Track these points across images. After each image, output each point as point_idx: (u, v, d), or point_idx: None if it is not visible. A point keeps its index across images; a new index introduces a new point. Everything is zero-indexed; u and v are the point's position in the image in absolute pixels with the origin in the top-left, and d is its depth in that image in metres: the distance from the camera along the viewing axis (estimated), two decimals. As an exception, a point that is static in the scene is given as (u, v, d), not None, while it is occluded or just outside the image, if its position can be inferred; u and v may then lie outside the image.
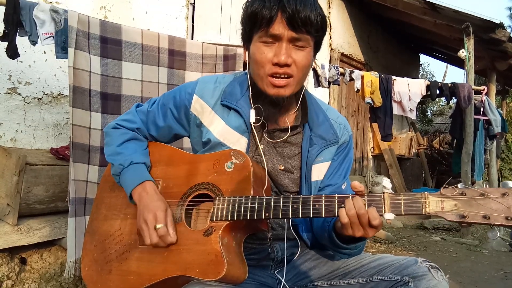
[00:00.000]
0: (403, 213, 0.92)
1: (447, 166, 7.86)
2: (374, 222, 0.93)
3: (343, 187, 1.24)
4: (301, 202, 1.00)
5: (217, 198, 1.08)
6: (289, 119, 1.21)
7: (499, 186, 0.88)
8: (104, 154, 1.30)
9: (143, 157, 1.26)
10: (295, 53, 1.08)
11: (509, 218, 0.83)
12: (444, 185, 0.91)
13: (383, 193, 0.96)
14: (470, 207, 0.87)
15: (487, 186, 0.90)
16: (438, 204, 0.90)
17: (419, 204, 0.91)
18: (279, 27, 1.05)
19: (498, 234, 0.87)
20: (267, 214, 1.02)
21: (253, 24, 1.09)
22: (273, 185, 1.20)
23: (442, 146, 9.77)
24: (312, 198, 1.00)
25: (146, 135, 1.33)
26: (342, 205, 0.97)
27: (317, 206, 0.99)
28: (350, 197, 0.97)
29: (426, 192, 0.92)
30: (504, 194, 0.85)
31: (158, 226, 1.08)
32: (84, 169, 2.18)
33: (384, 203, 0.94)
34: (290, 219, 1.19)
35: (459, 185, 0.90)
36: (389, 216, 0.93)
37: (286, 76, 1.09)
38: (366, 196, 0.96)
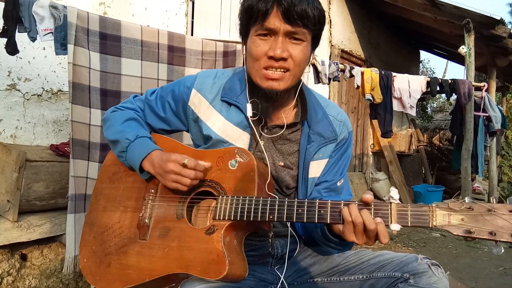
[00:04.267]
0: (409, 225, 0.92)
1: (447, 163, 7.85)
2: (384, 241, 0.92)
3: (339, 184, 1.23)
4: (306, 207, 0.99)
5: (220, 196, 1.08)
6: (288, 115, 1.20)
7: (498, 182, 0.88)
8: (106, 137, 1.27)
9: (148, 133, 1.24)
10: (292, 47, 1.07)
11: None
12: (452, 198, 0.91)
13: (390, 203, 0.95)
14: (477, 222, 0.87)
15: (493, 200, 0.89)
16: (445, 217, 0.90)
17: (426, 217, 0.91)
18: (274, 21, 1.04)
19: (502, 251, 0.87)
20: (271, 217, 1.01)
21: (249, 18, 1.08)
22: (274, 181, 1.19)
23: (442, 142, 9.77)
24: (317, 203, 0.99)
25: (144, 122, 1.31)
26: (346, 207, 0.95)
27: (322, 212, 0.98)
28: (357, 205, 0.95)
29: (433, 205, 0.91)
30: (511, 211, 0.86)
31: (185, 162, 1.06)
32: (84, 166, 2.18)
33: (390, 213, 0.93)
34: None
35: (467, 199, 0.90)
36: (395, 227, 0.92)
37: (282, 70, 1.08)
38: (372, 205, 0.95)
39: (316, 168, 1.20)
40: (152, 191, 1.19)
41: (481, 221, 0.87)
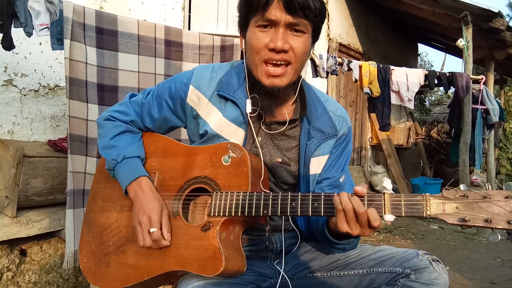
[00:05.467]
0: (403, 215, 0.90)
1: (445, 156, 7.86)
2: (375, 224, 0.91)
3: (341, 180, 1.22)
4: (299, 200, 0.99)
5: (214, 193, 1.07)
6: (287, 111, 1.18)
7: (496, 174, 0.87)
8: (98, 147, 1.28)
9: (137, 150, 1.23)
10: (293, 39, 1.05)
11: (511, 222, 0.82)
12: (446, 187, 0.90)
13: (384, 193, 0.93)
14: (472, 210, 0.86)
15: (490, 188, 0.88)
16: (440, 206, 0.88)
17: (420, 206, 0.89)
18: (275, 12, 1.01)
19: (499, 237, 0.85)
20: (265, 212, 1.01)
21: (249, 8, 1.05)
22: (271, 176, 1.18)
23: (440, 135, 9.78)
24: (310, 196, 0.98)
25: (141, 127, 1.30)
26: (337, 196, 0.95)
27: (316, 204, 0.97)
28: (349, 195, 0.95)
29: (427, 194, 0.90)
30: (507, 197, 0.84)
31: (152, 230, 1.07)
32: (82, 161, 2.18)
33: (384, 204, 0.92)
34: None
35: (461, 187, 0.89)
36: (389, 217, 0.91)
37: (283, 63, 1.06)
38: (366, 196, 0.94)
39: (316, 165, 1.18)
40: None
41: (476, 208, 0.85)
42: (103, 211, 1.25)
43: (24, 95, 3.06)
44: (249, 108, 1.13)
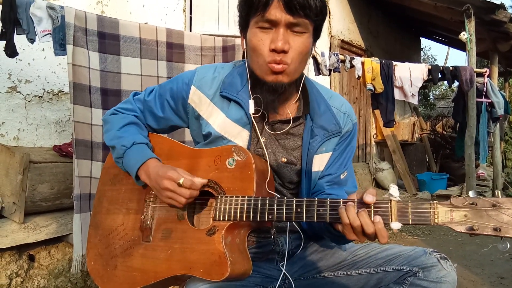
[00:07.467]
0: (410, 223, 0.89)
1: (450, 150, 7.83)
2: (383, 241, 0.90)
3: (342, 176, 1.21)
4: (305, 206, 0.97)
5: (219, 197, 1.06)
6: (290, 110, 1.18)
7: (502, 168, 0.86)
8: (105, 141, 1.27)
9: (145, 139, 1.23)
10: (293, 39, 1.04)
11: None
12: (455, 195, 0.89)
13: (390, 200, 0.92)
14: (481, 218, 0.84)
15: (498, 194, 0.86)
16: (448, 214, 0.86)
17: (428, 214, 0.87)
18: (276, 12, 1.01)
19: (508, 246, 0.83)
20: (270, 217, 1.00)
21: (249, 9, 1.05)
22: (276, 177, 1.18)
23: (445, 130, 9.74)
24: (316, 202, 0.97)
25: (144, 124, 1.30)
26: (344, 208, 0.93)
27: (321, 210, 0.96)
28: (356, 205, 0.92)
29: (435, 202, 0.88)
30: None
31: (180, 181, 1.04)
32: (87, 165, 2.19)
33: (391, 211, 0.90)
34: None
35: (470, 194, 0.87)
36: (395, 225, 0.89)
37: (284, 63, 1.05)
38: (372, 205, 0.92)
39: (319, 162, 1.18)
40: (153, 192, 1.18)
41: (485, 217, 0.83)
42: (109, 213, 1.26)
43: (29, 101, 3.08)
44: (252, 109, 1.12)
